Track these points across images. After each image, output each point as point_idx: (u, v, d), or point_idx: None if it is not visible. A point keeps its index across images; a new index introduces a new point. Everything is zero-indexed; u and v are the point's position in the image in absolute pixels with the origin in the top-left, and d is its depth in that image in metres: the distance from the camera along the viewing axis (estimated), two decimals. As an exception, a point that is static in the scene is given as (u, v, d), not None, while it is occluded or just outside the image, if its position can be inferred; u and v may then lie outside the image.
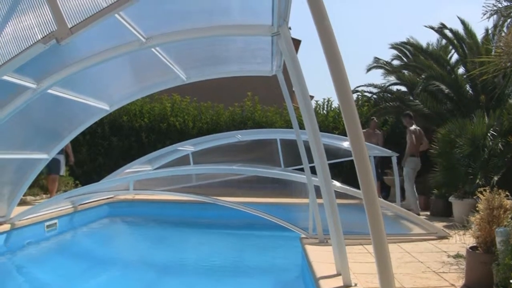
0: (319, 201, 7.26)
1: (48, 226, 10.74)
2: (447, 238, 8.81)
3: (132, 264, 9.50)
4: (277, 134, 15.73)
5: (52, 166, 13.28)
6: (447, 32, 16.70)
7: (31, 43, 4.14)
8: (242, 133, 15.61)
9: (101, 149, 19.18)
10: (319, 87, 62.68)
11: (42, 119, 9.16)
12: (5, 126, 7.47)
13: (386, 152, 14.15)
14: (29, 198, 12.86)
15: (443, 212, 12.03)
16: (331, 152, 13.28)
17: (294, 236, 9.10)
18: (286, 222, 9.24)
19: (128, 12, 5.68)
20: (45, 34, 4.09)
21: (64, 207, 11.58)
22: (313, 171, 6.98)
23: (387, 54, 24.67)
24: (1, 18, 4.37)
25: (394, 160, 13.83)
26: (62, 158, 14.16)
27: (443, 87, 15.47)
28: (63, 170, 14.44)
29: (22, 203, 11.54)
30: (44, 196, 13.75)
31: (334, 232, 5.58)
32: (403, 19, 64.09)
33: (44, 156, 9.81)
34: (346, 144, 13.60)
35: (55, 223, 11.01)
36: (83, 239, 11.98)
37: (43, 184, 14.13)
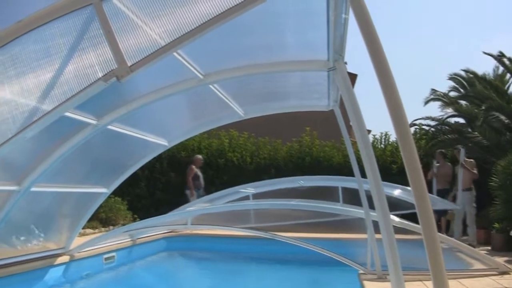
0: (378, 236, 7.18)
1: (106, 259, 10.88)
2: (508, 274, 8.53)
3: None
4: (339, 182, 15.53)
5: None
6: (505, 60, 16.44)
7: (92, 81, 4.23)
8: (304, 179, 15.54)
9: (159, 184, 19.38)
10: (377, 120, 62.10)
11: (102, 154, 9.33)
12: (67, 161, 7.64)
13: (450, 205, 13.96)
14: (88, 230, 13.06)
15: (505, 247, 11.66)
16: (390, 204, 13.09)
17: (352, 272, 8.98)
18: (344, 258, 9.15)
19: (185, 50, 5.77)
20: (106, 72, 4.17)
21: (122, 240, 11.71)
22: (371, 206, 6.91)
23: (444, 86, 24.41)
24: (63, 57, 4.49)
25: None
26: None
27: (502, 117, 15.15)
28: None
29: (81, 235, 11.73)
30: (103, 229, 13.95)
31: (392, 267, 5.47)
32: (458, 51, 63.30)
33: (103, 190, 9.97)
34: (396, 192, 13.35)
35: (113, 256, 11.13)
36: (140, 272, 12.07)
37: (102, 218, 14.34)
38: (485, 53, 17.10)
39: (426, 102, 21.37)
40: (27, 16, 4.45)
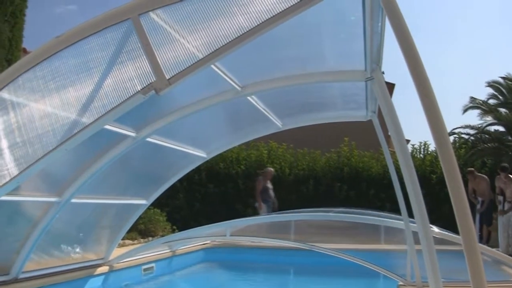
0: (417, 247, 7.11)
1: (145, 270, 10.94)
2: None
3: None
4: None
5: None
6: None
7: (131, 94, 4.27)
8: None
9: (198, 196, 19.46)
10: (415, 130, 61.52)
11: (141, 166, 9.39)
12: (106, 173, 7.71)
13: None
14: (127, 241, 13.16)
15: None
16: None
17: (391, 283, 8.91)
18: (383, 269, 9.09)
19: (223, 62, 5.78)
20: (144, 85, 4.21)
21: (161, 251, 11.77)
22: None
23: (483, 93, 24.15)
24: (102, 70, 4.55)
25: None
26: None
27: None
28: None
29: (120, 246, 11.83)
30: (142, 240, 14.04)
31: (432, 279, 5.38)
32: (498, 57, 62.41)
33: (143, 202, 10.03)
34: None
35: (152, 266, 11.19)
36: (179, 283, 12.12)
37: (141, 229, 14.45)
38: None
39: (465, 110, 21.23)
40: (66, 31, 4.53)
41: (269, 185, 17.15)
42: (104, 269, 9.77)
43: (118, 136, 7.06)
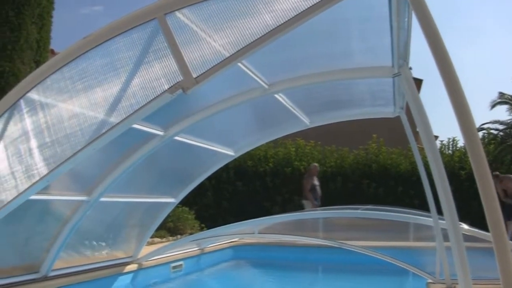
0: (447, 244, 7.04)
1: (174, 267, 10.99)
2: None
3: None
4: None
5: None
6: None
7: (159, 93, 4.28)
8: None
9: (226, 194, 19.49)
10: (444, 126, 60.93)
11: (169, 165, 9.43)
12: (134, 172, 7.75)
13: None
14: (156, 239, 13.22)
15: None
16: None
17: (420, 281, 8.86)
18: (412, 266, 9.03)
19: (249, 60, 5.77)
20: (172, 84, 4.22)
21: (189, 249, 11.81)
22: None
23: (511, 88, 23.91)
24: (130, 70, 4.57)
25: None
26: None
27: None
28: None
29: (149, 244, 11.89)
30: (170, 238, 14.10)
31: (462, 277, 5.33)
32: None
33: (171, 200, 10.07)
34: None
35: (181, 264, 11.24)
36: (207, 281, 12.15)
37: (170, 227, 14.50)
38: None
39: (493, 106, 20.98)
40: (92, 32, 4.55)
41: (316, 182, 17.08)
42: (133, 267, 9.84)
43: (146, 135, 7.10)
